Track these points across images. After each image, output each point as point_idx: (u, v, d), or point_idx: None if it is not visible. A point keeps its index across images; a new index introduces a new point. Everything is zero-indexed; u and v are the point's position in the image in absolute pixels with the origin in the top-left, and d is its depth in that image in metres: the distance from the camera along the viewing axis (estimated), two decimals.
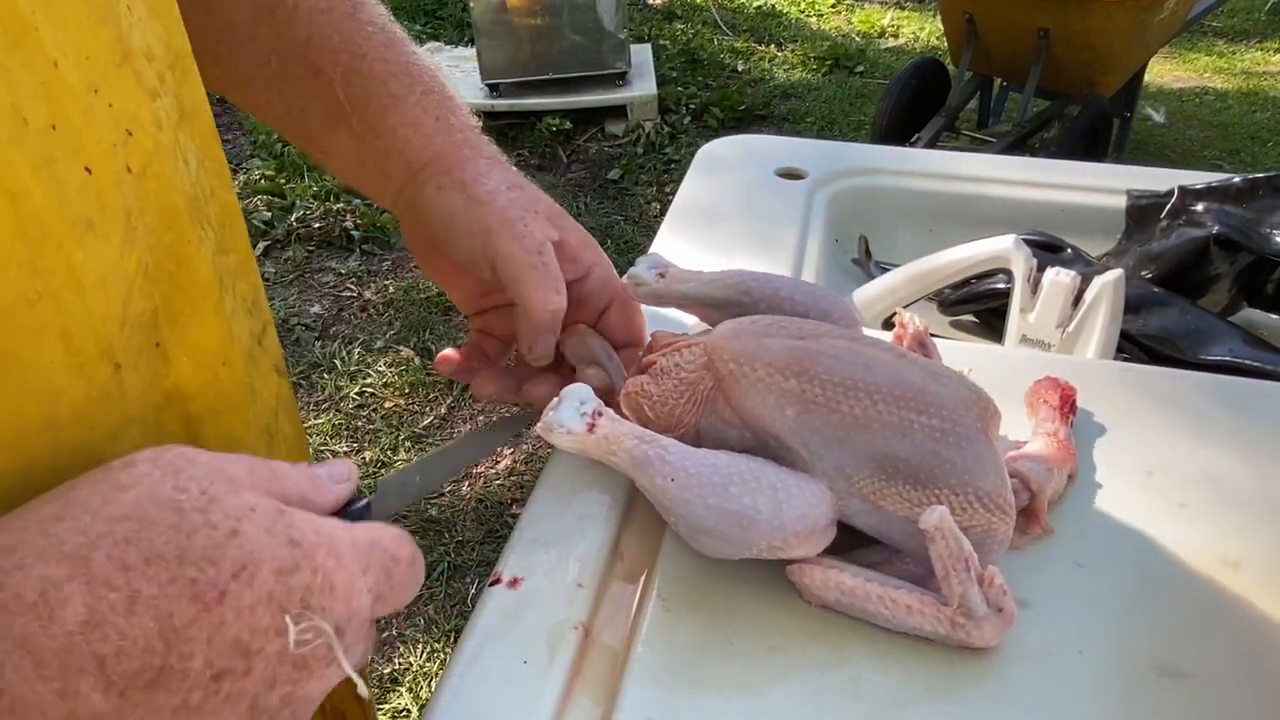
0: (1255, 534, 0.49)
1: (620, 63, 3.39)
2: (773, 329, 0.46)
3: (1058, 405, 0.55)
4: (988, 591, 0.41)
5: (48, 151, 0.29)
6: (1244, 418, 0.58)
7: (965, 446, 0.43)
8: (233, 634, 0.27)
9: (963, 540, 0.41)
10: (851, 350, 0.45)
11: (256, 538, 0.28)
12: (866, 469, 0.43)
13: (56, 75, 0.29)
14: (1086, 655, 0.43)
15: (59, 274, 0.30)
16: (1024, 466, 0.50)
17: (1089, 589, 0.46)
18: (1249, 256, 0.74)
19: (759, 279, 0.51)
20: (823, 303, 0.51)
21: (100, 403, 0.32)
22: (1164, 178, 0.86)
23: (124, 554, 0.26)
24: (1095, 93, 2.75)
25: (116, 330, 0.32)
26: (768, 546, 0.42)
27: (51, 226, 0.29)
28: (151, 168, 0.34)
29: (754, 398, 0.44)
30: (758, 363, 0.44)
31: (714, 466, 0.43)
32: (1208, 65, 4.31)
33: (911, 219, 0.89)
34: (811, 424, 0.44)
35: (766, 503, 0.42)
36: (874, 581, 0.43)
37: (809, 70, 4.13)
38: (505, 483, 1.95)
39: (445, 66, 3.67)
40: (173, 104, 0.35)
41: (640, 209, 2.96)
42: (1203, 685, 0.41)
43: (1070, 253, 0.79)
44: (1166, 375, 0.62)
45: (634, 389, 0.48)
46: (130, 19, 0.33)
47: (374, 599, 0.32)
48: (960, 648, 0.42)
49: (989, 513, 0.43)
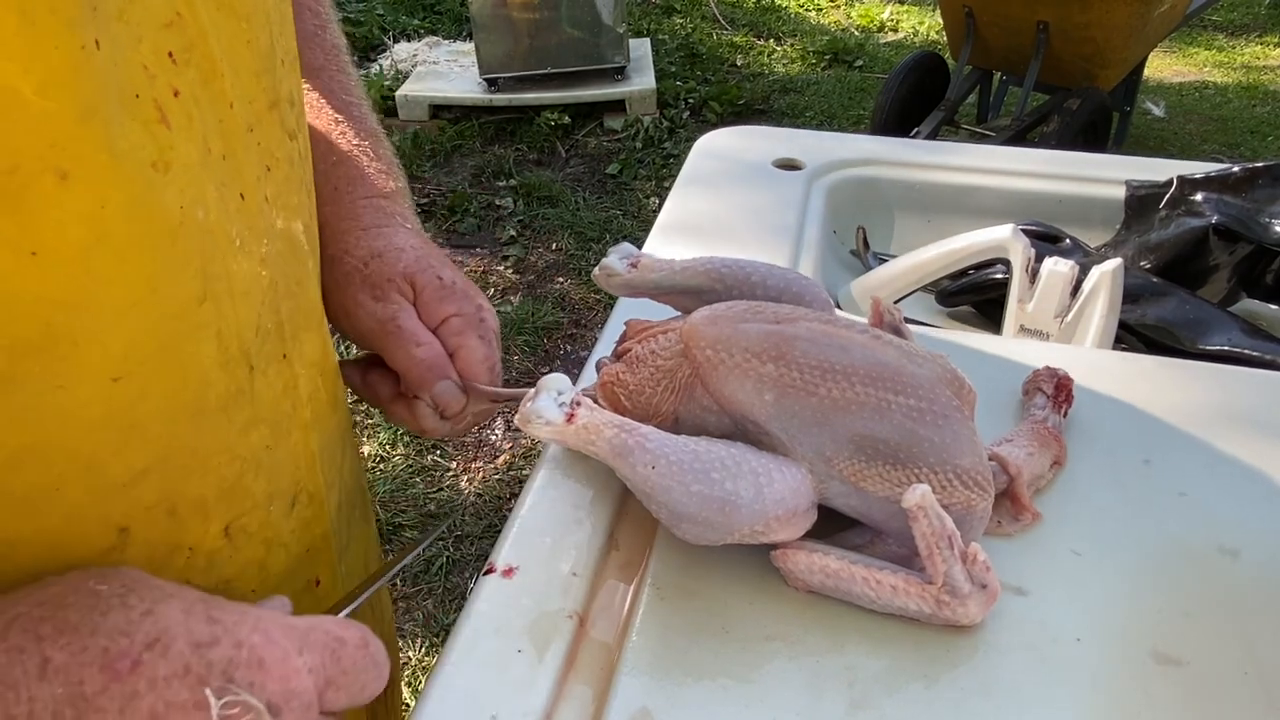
0: (1254, 523, 0.49)
1: (619, 57, 3.38)
2: (748, 314, 0.46)
3: (1052, 394, 0.55)
4: (971, 568, 0.41)
5: (221, 176, 0.34)
6: (1243, 406, 0.57)
7: (943, 425, 0.43)
8: (147, 706, 0.27)
9: (945, 518, 0.41)
10: (827, 333, 0.44)
11: (172, 614, 0.29)
12: (846, 450, 0.43)
13: (230, 114, 0.35)
14: (1084, 643, 0.42)
15: (221, 280, 0.35)
16: (1002, 450, 0.49)
17: (1086, 577, 0.46)
18: (1248, 246, 0.74)
19: (730, 265, 0.51)
20: (795, 286, 0.51)
21: (237, 399, 0.37)
22: (1163, 168, 0.86)
23: (38, 627, 0.27)
24: (1094, 87, 2.74)
25: (252, 336, 0.37)
26: (750, 531, 0.42)
27: (219, 239, 0.34)
28: (281, 198, 0.39)
29: (732, 383, 0.44)
30: (735, 348, 0.44)
31: (694, 453, 0.42)
32: (1208, 59, 4.31)
33: (909, 210, 0.88)
34: (790, 408, 0.43)
35: (748, 487, 0.42)
36: (858, 563, 0.43)
37: (808, 65, 4.13)
38: (504, 477, 1.94)
39: (443, 61, 3.67)
40: (303, 144, 0.42)
41: (639, 204, 2.96)
42: (1199, 673, 0.41)
43: (1069, 243, 0.78)
44: (1165, 365, 0.61)
45: (610, 378, 0.48)
46: (281, 71, 0.38)
47: (322, 682, 0.31)
48: (951, 629, 0.42)
49: (968, 489, 0.43)
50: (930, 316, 0.80)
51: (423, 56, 3.77)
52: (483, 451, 2.02)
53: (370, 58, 3.95)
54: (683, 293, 0.53)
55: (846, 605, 0.43)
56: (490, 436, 2.05)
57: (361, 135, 0.53)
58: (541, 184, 3.02)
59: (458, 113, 3.41)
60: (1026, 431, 0.52)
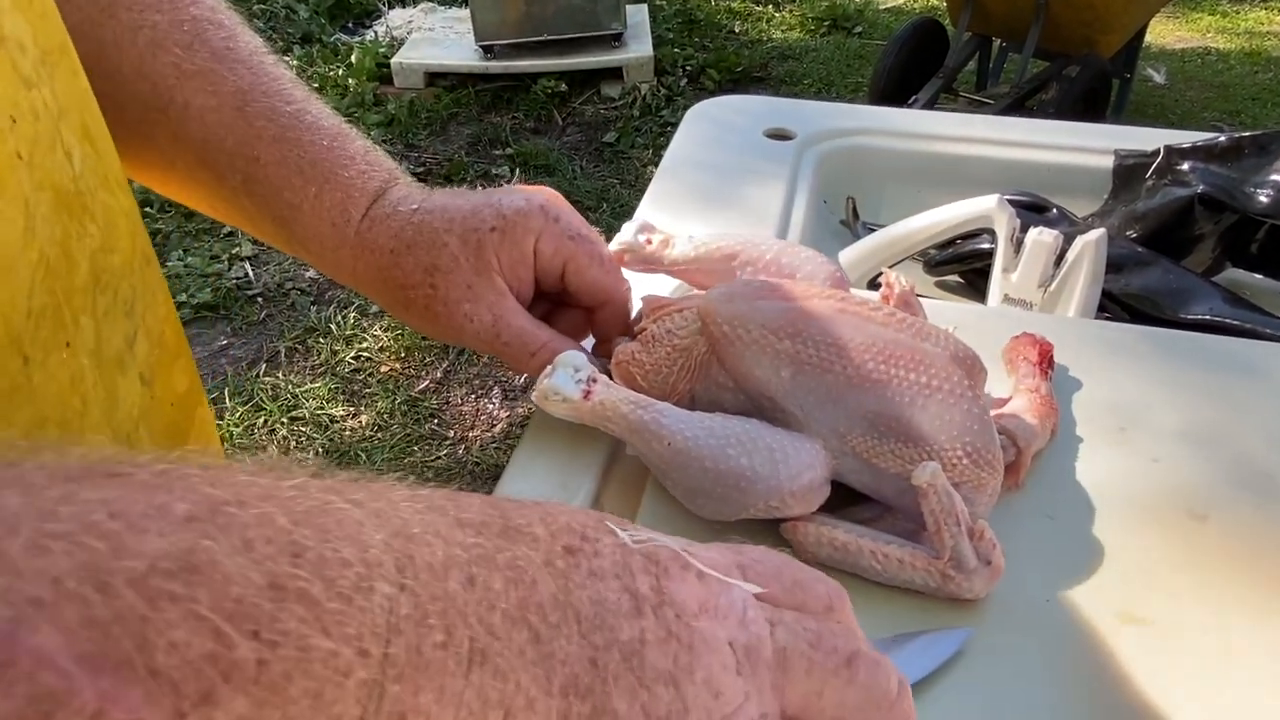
0: (1223, 489, 0.50)
1: (616, 24, 3.35)
2: (765, 291, 0.47)
3: (1037, 361, 0.56)
4: (978, 545, 0.42)
5: None
6: (1219, 375, 0.58)
7: (955, 404, 0.44)
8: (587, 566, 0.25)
9: (954, 495, 0.42)
10: (843, 310, 0.45)
11: None
12: (860, 427, 0.44)
13: None
14: (1052, 604, 0.44)
15: None
16: (1011, 424, 0.50)
17: (1058, 540, 0.47)
18: (1233, 216, 0.74)
19: (745, 242, 0.52)
20: (809, 264, 0.51)
21: (11, 396, 0.32)
22: (1152, 138, 0.86)
23: None
24: (1094, 53, 2.72)
25: (23, 320, 0.32)
26: (765, 506, 0.43)
27: None
28: (35, 157, 0.33)
29: (749, 360, 0.45)
30: (752, 325, 0.45)
31: (710, 429, 0.43)
32: (1210, 25, 4.27)
33: (899, 179, 0.89)
34: (806, 384, 0.44)
35: (763, 463, 0.43)
36: (866, 537, 0.44)
37: (807, 31, 4.09)
38: (501, 445, 1.96)
39: (439, 28, 3.64)
40: (50, 96, 0.35)
41: (636, 172, 2.95)
42: (1164, 632, 0.43)
43: (1055, 213, 0.79)
44: (1144, 334, 0.62)
45: (625, 358, 0.48)
46: None
47: None
48: (946, 599, 0.43)
49: (978, 468, 0.44)
50: (917, 285, 0.81)
51: (418, 23, 3.74)
52: (480, 420, 2.03)
53: (365, 24, 3.91)
54: (698, 269, 0.53)
55: (836, 572, 0.45)
56: (488, 405, 2.07)
57: (321, 147, 0.49)
58: (538, 153, 3.01)
59: (453, 80, 3.39)
60: (1026, 402, 0.53)
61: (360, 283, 0.50)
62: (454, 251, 0.46)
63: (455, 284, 0.47)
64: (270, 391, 2.07)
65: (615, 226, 0.55)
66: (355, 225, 0.49)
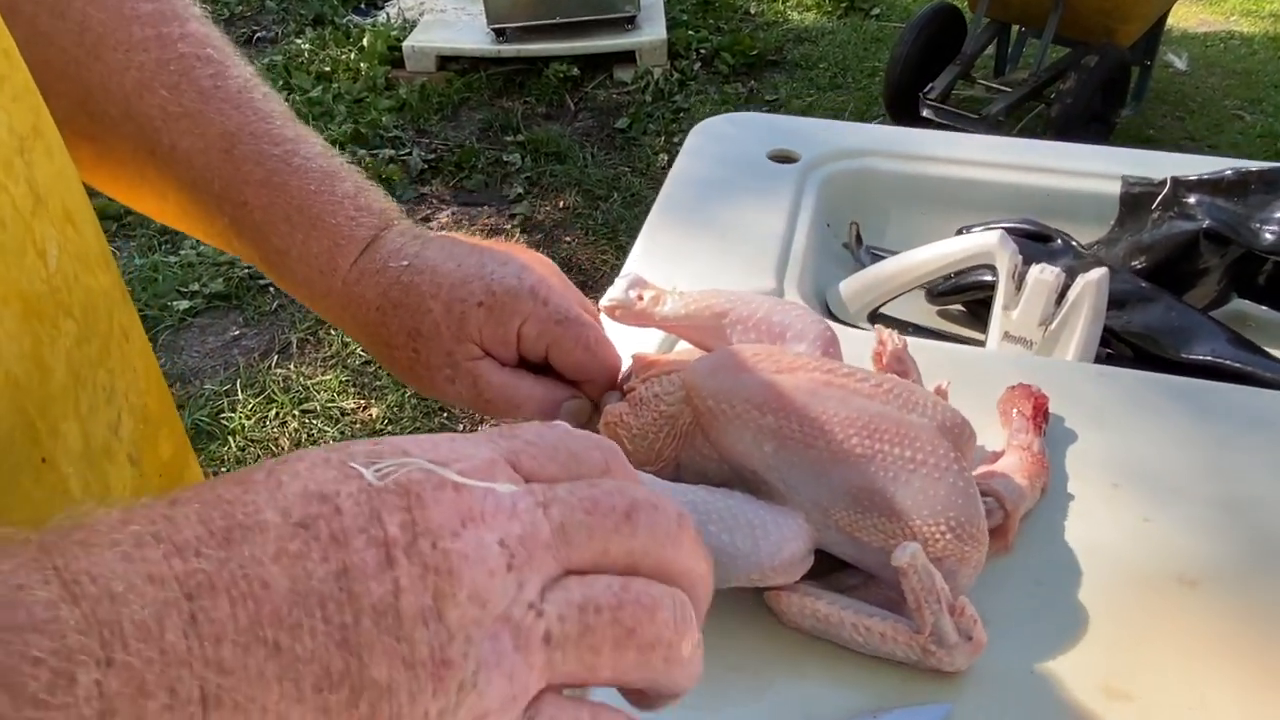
0: (1214, 552, 0.50)
1: (629, 6, 3.32)
2: (750, 363, 0.47)
3: (1030, 415, 0.56)
4: (959, 620, 0.43)
5: None
6: (1218, 426, 0.58)
7: (940, 478, 0.44)
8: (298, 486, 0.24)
9: (934, 574, 0.42)
10: (828, 383, 0.45)
11: None
12: (842, 502, 0.44)
13: None
14: (1037, 675, 0.44)
15: None
16: (999, 484, 0.50)
17: (1044, 607, 0.47)
18: (1239, 250, 0.74)
19: (735, 300, 0.52)
20: (799, 322, 0.51)
21: None
22: (1161, 162, 0.85)
23: None
24: (1113, 43, 2.68)
25: None
26: (747, 579, 0.44)
27: None
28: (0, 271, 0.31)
29: (731, 434, 0.45)
30: (735, 399, 0.45)
31: (691, 504, 0.44)
32: (1235, 6, 4.19)
33: (903, 202, 0.88)
34: (788, 459, 0.45)
35: (744, 540, 0.43)
36: (849, 609, 0.44)
37: (823, 13, 4.04)
38: None
39: (450, 10, 3.61)
40: (25, 190, 0.33)
41: (648, 160, 2.93)
42: (1146, 709, 0.43)
43: (1059, 242, 0.78)
44: (1143, 380, 0.62)
45: (612, 419, 0.49)
46: None
47: None
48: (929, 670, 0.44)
49: (961, 543, 0.44)
50: (920, 314, 0.81)
51: (430, 4, 3.72)
52: None
53: (378, 5, 3.89)
54: (689, 325, 0.53)
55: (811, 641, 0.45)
56: None
57: (309, 191, 0.48)
58: (550, 139, 2.99)
59: (465, 64, 3.37)
60: (1016, 461, 0.53)
61: (347, 330, 0.50)
62: (437, 319, 0.46)
63: (436, 350, 0.47)
64: (282, 383, 2.09)
65: (626, 216, 0.55)
66: (342, 275, 0.49)
